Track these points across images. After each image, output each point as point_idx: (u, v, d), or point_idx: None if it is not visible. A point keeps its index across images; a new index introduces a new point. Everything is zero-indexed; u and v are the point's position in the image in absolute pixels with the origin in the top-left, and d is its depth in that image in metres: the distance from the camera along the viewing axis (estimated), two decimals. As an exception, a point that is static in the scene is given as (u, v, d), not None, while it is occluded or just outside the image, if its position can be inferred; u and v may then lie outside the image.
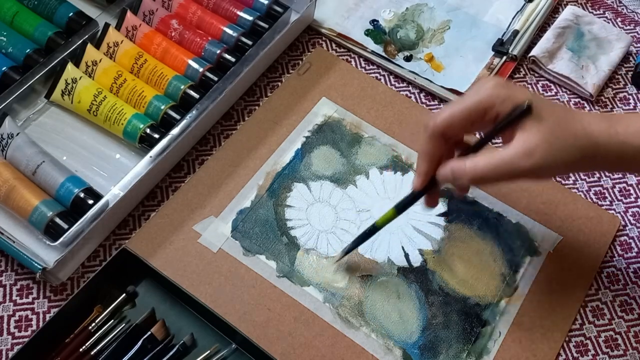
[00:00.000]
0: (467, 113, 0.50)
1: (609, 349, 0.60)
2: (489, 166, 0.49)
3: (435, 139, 0.51)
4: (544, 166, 0.48)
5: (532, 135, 0.48)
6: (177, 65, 0.69)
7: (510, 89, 0.49)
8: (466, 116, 0.50)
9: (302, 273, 0.61)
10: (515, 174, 0.48)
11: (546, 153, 0.47)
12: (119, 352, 0.54)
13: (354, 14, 0.80)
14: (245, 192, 0.65)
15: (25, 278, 0.60)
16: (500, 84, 0.50)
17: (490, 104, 0.49)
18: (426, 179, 0.53)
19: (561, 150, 0.48)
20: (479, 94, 0.50)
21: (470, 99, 0.50)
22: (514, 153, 0.48)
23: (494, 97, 0.49)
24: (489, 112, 0.49)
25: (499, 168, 0.48)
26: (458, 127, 0.51)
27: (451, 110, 0.50)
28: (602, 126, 0.50)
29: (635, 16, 0.85)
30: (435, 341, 0.58)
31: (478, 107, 0.49)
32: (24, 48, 0.68)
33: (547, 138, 0.48)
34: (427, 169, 0.53)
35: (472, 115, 0.50)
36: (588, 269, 0.63)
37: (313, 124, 0.70)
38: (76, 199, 0.60)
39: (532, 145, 0.47)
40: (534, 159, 0.47)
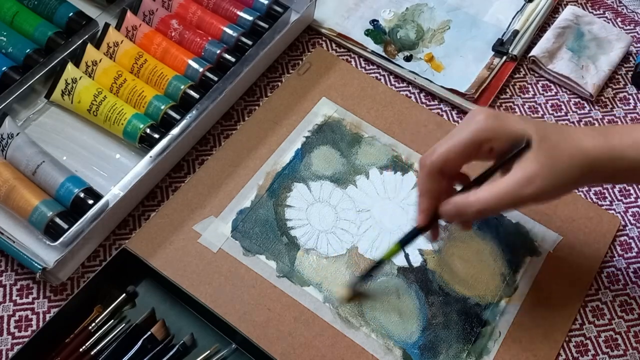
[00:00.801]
0: (463, 148, 0.51)
1: (609, 349, 0.60)
2: (493, 198, 0.49)
3: (433, 176, 0.52)
4: (545, 191, 0.49)
5: (530, 163, 0.49)
6: (177, 65, 0.69)
7: (501, 120, 0.50)
8: (462, 152, 0.51)
9: (302, 273, 0.61)
10: (518, 202, 0.49)
11: (546, 178, 0.48)
12: (119, 352, 0.54)
13: (354, 14, 0.80)
14: (245, 192, 0.65)
15: (25, 278, 0.60)
16: (491, 116, 0.50)
17: (485, 138, 0.50)
18: (429, 215, 0.54)
19: (560, 172, 0.49)
20: (472, 128, 0.50)
21: (464, 133, 0.51)
22: (516, 182, 0.49)
23: (487, 131, 0.50)
24: (484, 146, 0.50)
25: (503, 199, 0.49)
26: (454, 163, 0.52)
27: (447, 146, 0.51)
28: (597, 141, 0.50)
29: (635, 16, 0.85)
30: (435, 341, 0.58)
31: (473, 142, 0.50)
32: (24, 48, 0.68)
33: (545, 163, 0.49)
34: (428, 205, 0.53)
35: (467, 151, 0.51)
36: (588, 269, 0.63)
37: (313, 124, 0.70)
38: (76, 199, 0.60)
39: (532, 173, 0.48)
40: (536, 185, 0.48)
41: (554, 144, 0.49)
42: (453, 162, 0.52)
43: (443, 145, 0.51)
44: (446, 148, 0.51)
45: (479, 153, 0.51)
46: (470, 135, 0.50)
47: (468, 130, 0.50)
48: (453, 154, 0.51)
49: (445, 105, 0.74)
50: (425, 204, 0.53)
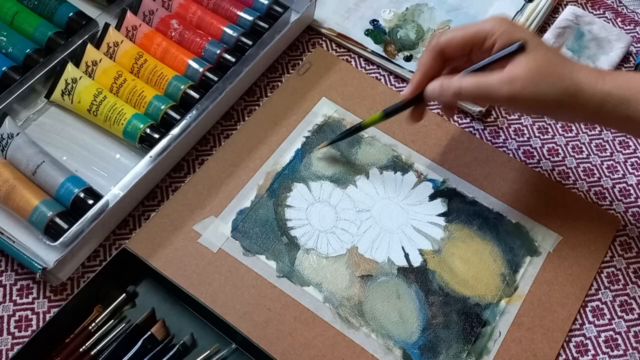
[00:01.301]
0: (468, 35, 0.55)
1: (609, 349, 0.60)
2: (473, 84, 0.54)
3: (434, 53, 0.56)
4: (520, 96, 0.52)
5: (518, 67, 0.52)
6: (177, 65, 0.69)
7: (513, 25, 0.54)
8: (467, 38, 0.55)
9: (302, 273, 0.61)
10: (493, 96, 0.53)
11: (526, 84, 0.52)
12: (119, 352, 0.54)
13: (354, 14, 0.80)
14: (245, 192, 0.65)
15: (25, 278, 0.60)
16: (505, 20, 0.54)
17: (490, 33, 0.54)
18: (417, 89, 0.58)
19: (542, 85, 0.52)
20: (484, 23, 0.55)
21: (475, 25, 0.55)
22: (498, 78, 0.52)
23: (495, 27, 0.54)
24: (487, 40, 0.54)
25: (480, 88, 0.53)
26: (457, 47, 0.56)
27: (454, 31, 0.56)
28: (591, 75, 0.53)
29: (635, 16, 0.85)
30: (435, 341, 0.58)
31: (479, 33, 0.54)
32: (24, 48, 0.68)
33: (532, 71, 0.52)
34: (420, 79, 0.57)
35: (472, 39, 0.55)
36: (588, 269, 0.63)
37: (313, 124, 0.70)
38: (76, 199, 0.60)
39: (515, 74, 0.52)
40: (513, 87, 0.52)
41: (549, 60, 0.52)
42: (457, 46, 0.55)
43: (452, 30, 0.56)
44: (453, 31, 0.56)
45: (481, 48, 0.55)
46: (479, 27, 0.55)
47: (479, 24, 0.55)
48: (458, 37, 0.55)
49: (445, 105, 0.74)
50: (418, 77, 0.58)
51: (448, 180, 0.67)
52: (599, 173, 0.70)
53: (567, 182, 0.69)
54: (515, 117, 0.74)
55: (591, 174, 0.70)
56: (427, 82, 0.57)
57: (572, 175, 0.70)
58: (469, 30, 0.55)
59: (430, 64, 0.57)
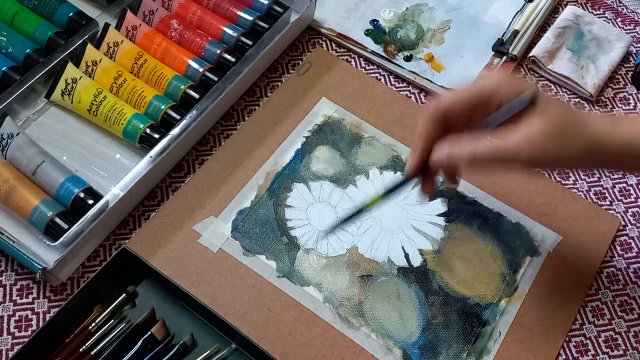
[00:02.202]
0: (471, 97, 0.49)
1: (609, 349, 0.60)
2: (489, 150, 0.48)
3: (435, 119, 0.50)
4: (543, 157, 0.48)
5: (536, 125, 0.47)
6: (177, 65, 0.69)
7: (516, 80, 0.51)
8: (469, 100, 0.49)
9: (302, 273, 0.61)
10: (513, 160, 0.48)
11: (548, 144, 0.47)
12: (119, 352, 0.54)
13: (354, 14, 0.80)
14: (245, 192, 0.65)
15: (25, 278, 0.60)
16: (506, 75, 0.52)
17: (494, 91, 0.49)
18: (421, 160, 0.51)
19: (563, 143, 0.48)
20: (485, 81, 0.50)
21: (476, 84, 0.50)
22: (516, 140, 0.47)
23: (498, 85, 0.49)
24: (492, 100, 0.49)
25: (498, 153, 0.48)
26: (460, 111, 0.50)
27: (455, 93, 0.50)
28: (606, 124, 0.49)
29: (635, 16, 0.85)
30: (435, 341, 0.58)
31: (482, 93, 0.49)
32: (24, 48, 0.68)
33: (551, 129, 0.47)
34: (422, 150, 0.51)
35: (475, 100, 0.49)
36: (588, 269, 0.63)
37: (313, 124, 0.70)
38: (76, 199, 0.60)
39: (535, 134, 0.47)
40: (535, 148, 0.47)
41: (563, 115, 0.48)
42: (459, 109, 0.50)
43: (452, 92, 0.50)
44: (454, 93, 0.50)
45: (486, 109, 0.49)
46: (482, 86, 0.49)
47: (480, 82, 0.50)
48: (460, 100, 0.50)
49: (445, 105, 0.74)
50: (419, 148, 0.51)
51: (448, 180, 0.67)
52: (599, 173, 0.70)
53: (567, 182, 0.69)
54: (515, 117, 0.74)
55: (591, 174, 0.70)
56: (428, 150, 0.50)
57: (572, 175, 0.70)
58: (471, 91, 0.50)
59: (432, 132, 0.50)
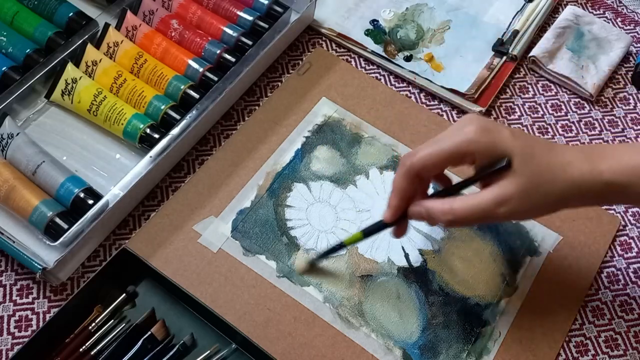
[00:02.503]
0: (445, 157, 0.50)
1: (609, 349, 0.60)
2: (466, 211, 0.49)
3: (410, 177, 0.52)
4: (518, 212, 0.50)
5: (509, 184, 0.48)
6: (177, 65, 0.69)
7: (491, 135, 0.49)
8: (443, 159, 0.50)
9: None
10: (490, 219, 0.50)
11: (521, 200, 0.49)
12: (119, 352, 0.54)
13: (354, 14, 0.80)
14: (245, 192, 0.65)
15: (25, 278, 0.60)
16: (481, 129, 0.49)
17: (469, 151, 0.49)
18: (397, 213, 0.53)
19: (537, 197, 0.49)
20: (459, 139, 0.49)
21: (449, 142, 0.50)
22: (489, 200, 0.49)
23: (473, 144, 0.49)
24: (466, 158, 0.50)
25: (475, 213, 0.49)
26: (434, 169, 0.51)
27: (429, 151, 0.50)
28: (584, 168, 0.50)
29: (635, 16, 0.85)
30: (435, 341, 0.58)
31: (457, 152, 0.50)
32: (24, 48, 0.68)
33: (523, 186, 0.48)
34: (398, 204, 0.53)
35: (449, 159, 0.50)
36: (588, 269, 0.63)
37: (313, 124, 0.70)
38: (76, 199, 0.60)
39: (507, 194, 0.48)
40: (509, 206, 0.49)
41: (536, 167, 0.49)
42: (432, 167, 0.51)
43: (426, 149, 0.51)
44: (428, 153, 0.50)
45: (460, 163, 0.51)
46: (455, 145, 0.49)
47: (454, 140, 0.50)
48: (434, 160, 0.50)
49: (445, 105, 0.74)
50: (396, 202, 0.53)
51: (448, 180, 0.67)
52: (599, 173, 0.70)
53: (567, 182, 0.69)
54: (515, 117, 0.74)
55: (591, 174, 0.70)
56: (405, 204, 0.53)
57: (572, 175, 0.70)
58: (445, 149, 0.50)
59: (407, 187, 0.52)
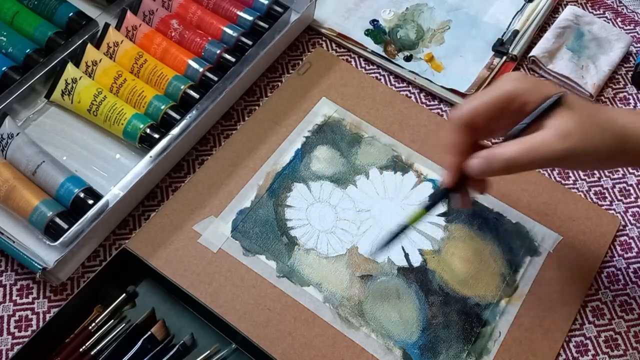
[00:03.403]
0: (492, 102, 0.49)
1: (609, 349, 0.60)
2: (522, 150, 0.47)
3: (460, 129, 0.51)
4: (578, 150, 0.47)
5: (568, 119, 0.47)
6: (177, 65, 0.69)
7: (534, 80, 0.50)
8: (491, 105, 0.49)
9: (302, 273, 0.61)
10: (549, 157, 0.47)
11: (582, 136, 0.47)
12: (119, 352, 0.54)
13: (354, 14, 0.80)
14: (245, 192, 0.65)
15: (25, 278, 0.60)
16: (524, 76, 0.50)
17: (515, 94, 0.49)
18: (456, 172, 0.51)
19: (596, 135, 0.47)
20: (504, 83, 0.50)
21: (494, 89, 0.50)
22: (549, 136, 0.47)
23: (518, 87, 0.49)
24: (514, 102, 0.49)
25: (533, 151, 0.47)
26: (483, 117, 0.50)
27: (476, 101, 0.50)
28: (630, 118, 0.50)
29: (635, 16, 0.85)
30: (435, 341, 0.58)
31: (503, 97, 0.49)
32: (24, 48, 0.68)
33: (583, 123, 0.47)
34: (455, 161, 0.51)
35: (496, 104, 0.49)
36: (588, 269, 0.63)
37: (313, 124, 0.70)
38: (76, 199, 0.60)
39: (569, 127, 0.47)
40: (570, 141, 0.46)
41: (590, 110, 0.48)
42: (482, 116, 0.50)
43: (473, 99, 0.50)
44: (475, 102, 0.50)
45: (508, 111, 0.49)
46: (502, 89, 0.49)
47: (499, 85, 0.50)
48: (482, 106, 0.50)
49: (445, 105, 0.74)
50: (452, 159, 0.51)
51: (448, 180, 0.67)
52: (599, 173, 0.70)
53: (567, 182, 0.69)
54: (515, 117, 0.74)
55: (591, 174, 0.70)
56: (462, 161, 0.51)
57: (572, 175, 0.70)
58: (491, 96, 0.49)
59: (460, 141, 0.51)
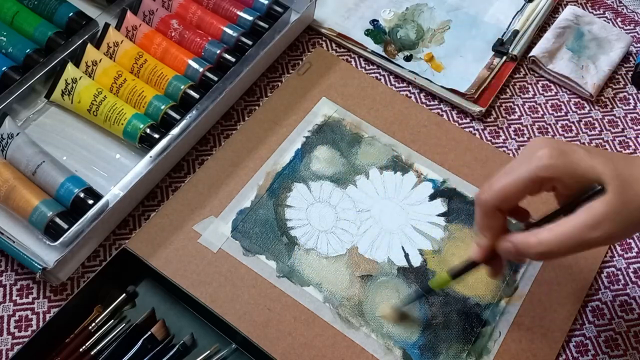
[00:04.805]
0: (522, 186, 0.47)
1: (609, 349, 0.60)
2: (556, 241, 0.46)
3: (490, 213, 0.49)
4: (613, 235, 0.45)
5: (599, 204, 0.44)
6: (177, 65, 0.69)
7: (567, 157, 0.46)
8: (521, 190, 0.47)
9: (302, 273, 0.61)
10: (584, 246, 0.46)
11: (615, 221, 0.44)
12: (119, 352, 0.54)
13: (354, 14, 0.80)
14: (245, 192, 0.65)
15: (25, 278, 0.60)
16: (556, 152, 0.46)
17: (547, 177, 0.46)
18: (487, 252, 0.51)
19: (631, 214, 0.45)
20: (534, 165, 0.46)
21: (524, 170, 0.46)
22: (581, 225, 0.45)
23: (551, 169, 0.45)
24: (546, 185, 0.47)
25: (567, 242, 0.45)
26: (513, 200, 0.48)
27: (504, 183, 0.47)
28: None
29: (635, 16, 0.85)
30: (435, 341, 0.58)
31: (534, 181, 0.46)
32: (24, 48, 0.68)
33: (615, 205, 0.44)
34: (488, 242, 0.50)
35: (527, 189, 0.47)
36: (588, 269, 0.63)
37: (313, 124, 0.70)
38: (76, 199, 0.60)
39: (600, 216, 0.44)
40: (603, 229, 0.44)
41: (624, 182, 0.45)
42: (511, 199, 0.48)
43: (500, 181, 0.47)
44: (503, 185, 0.47)
45: (538, 190, 0.47)
46: (532, 173, 0.46)
47: (529, 167, 0.46)
48: (511, 191, 0.47)
49: (445, 105, 0.74)
50: (484, 241, 0.50)
51: (448, 180, 0.67)
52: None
53: (567, 182, 0.69)
54: (515, 117, 0.74)
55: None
56: (494, 241, 0.50)
57: (572, 175, 0.70)
58: (520, 179, 0.46)
59: (492, 224, 0.49)
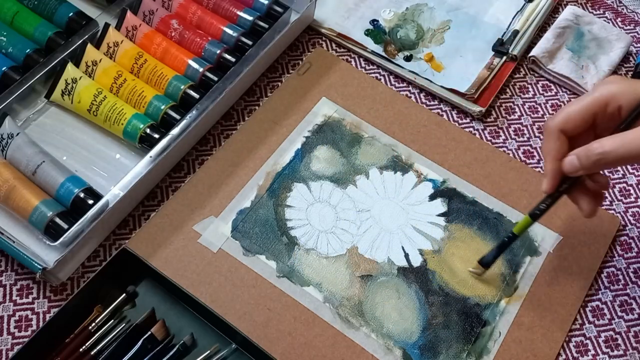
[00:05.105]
0: (586, 107, 0.50)
1: (609, 349, 0.60)
2: (615, 144, 0.48)
3: (555, 135, 0.51)
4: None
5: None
6: (177, 65, 0.69)
7: (630, 82, 0.50)
8: (585, 110, 0.50)
9: (302, 273, 0.61)
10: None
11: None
12: (119, 352, 0.54)
13: (354, 14, 0.80)
14: (245, 192, 0.65)
15: (25, 278, 0.60)
16: (620, 79, 0.50)
17: (610, 97, 0.49)
18: (555, 178, 0.52)
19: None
20: (598, 89, 0.50)
21: (589, 94, 0.51)
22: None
23: (613, 90, 0.49)
24: (608, 106, 0.50)
25: (626, 145, 0.47)
26: (578, 122, 0.51)
27: (570, 106, 0.51)
28: None
29: (635, 16, 0.85)
30: (435, 341, 0.58)
31: (597, 101, 0.50)
32: (24, 48, 0.68)
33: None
34: (553, 167, 0.52)
35: (590, 109, 0.50)
36: (588, 269, 0.63)
37: (313, 124, 0.70)
38: (76, 199, 0.60)
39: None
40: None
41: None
42: (576, 120, 0.51)
43: (568, 106, 0.51)
44: (570, 108, 0.51)
45: (604, 114, 0.50)
46: (596, 94, 0.50)
47: (594, 90, 0.50)
48: (576, 112, 0.50)
49: (445, 105, 0.74)
50: (550, 165, 0.52)
51: (448, 180, 0.67)
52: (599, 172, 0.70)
53: (567, 182, 0.69)
54: (515, 117, 0.74)
55: (591, 174, 0.70)
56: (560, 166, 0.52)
57: (572, 175, 0.70)
58: (586, 101, 0.50)
59: (556, 147, 0.52)
